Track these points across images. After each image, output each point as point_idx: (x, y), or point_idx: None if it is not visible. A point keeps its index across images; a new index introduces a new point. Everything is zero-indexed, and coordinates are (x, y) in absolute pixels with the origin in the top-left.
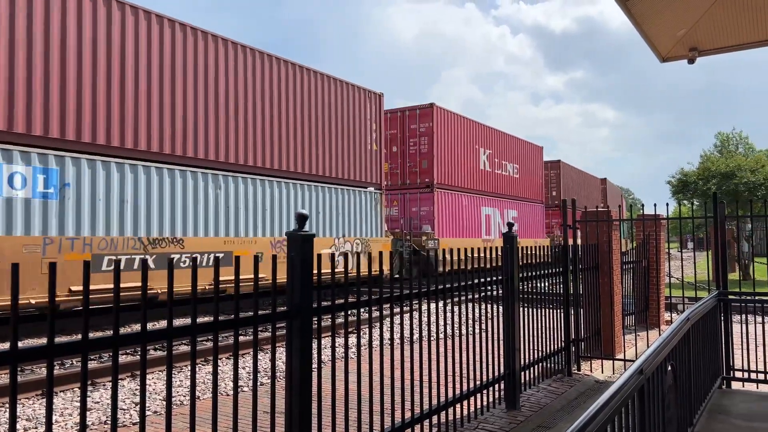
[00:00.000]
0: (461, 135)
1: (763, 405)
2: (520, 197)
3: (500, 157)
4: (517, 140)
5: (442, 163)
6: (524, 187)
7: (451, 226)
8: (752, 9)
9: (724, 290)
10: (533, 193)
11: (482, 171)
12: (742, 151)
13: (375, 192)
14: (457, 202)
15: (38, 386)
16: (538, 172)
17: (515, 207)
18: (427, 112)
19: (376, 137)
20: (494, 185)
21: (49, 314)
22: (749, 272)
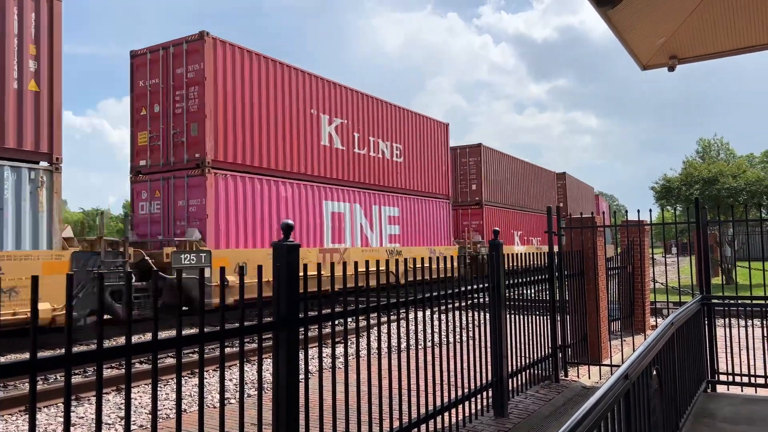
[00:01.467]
0: (275, 88)
1: (747, 408)
2: (408, 190)
3: (366, 132)
4: (400, 111)
5: (227, 128)
6: (415, 176)
7: (243, 228)
8: (728, 18)
9: (708, 294)
10: (432, 186)
11: (327, 149)
12: (723, 157)
13: None
14: (264, 192)
15: (21, 402)
16: (440, 159)
17: (397, 203)
18: (196, 47)
19: None
20: (354, 171)
21: (32, 329)
22: (732, 276)
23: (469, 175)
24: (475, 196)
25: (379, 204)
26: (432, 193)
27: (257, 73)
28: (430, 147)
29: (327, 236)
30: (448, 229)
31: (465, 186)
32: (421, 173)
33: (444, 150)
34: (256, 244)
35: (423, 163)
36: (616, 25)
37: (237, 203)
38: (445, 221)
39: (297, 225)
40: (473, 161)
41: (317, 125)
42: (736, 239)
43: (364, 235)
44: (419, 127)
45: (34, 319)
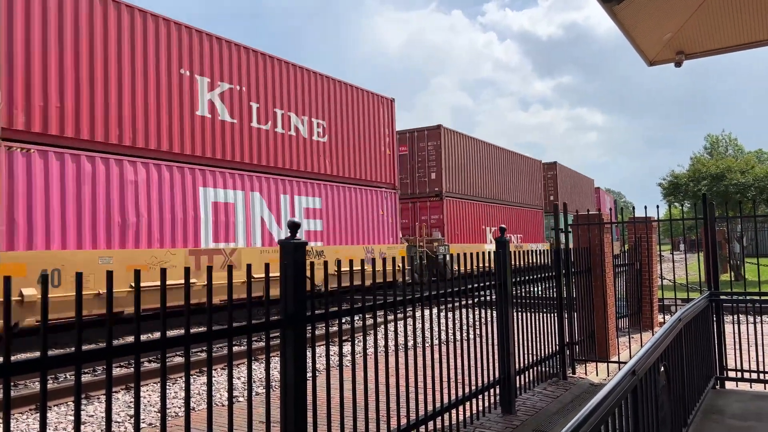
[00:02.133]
0: (123, 38)
1: (756, 404)
2: (336, 177)
3: (271, 102)
4: (324, 80)
5: (35, 84)
6: (345, 161)
7: (61, 224)
8: (736, 12)
9: (716, 291)
10: (371, 173)
11: (207, 121)
12: (731, 153)
13: None
14: (99, 175)
15: (32, 400)
16: (382, 141)
17: (320, 192)
18: None
19: None
20: (253, 151)
21: (42, 328)
22: (741, 273)
23: (428, 162)
24: (434, 187)
25: (292, 193)
26: (371, 182)
27: (93, 18)
28: (369, 126)
29: (205, 233)
30: (393, 225)
31: (423, 175)
32: (355, 157)
33: (388, 130)
34: (84, 244)
35: (357, 146)
36: (622, 21)
37: (51, 189)
38: (389, 215)
39: (150, 218)
40: (432, 146)
41: (191, 90)
42: (744, 235)
43: (267, 232)
44: (352, 102)
45: (44, 322)
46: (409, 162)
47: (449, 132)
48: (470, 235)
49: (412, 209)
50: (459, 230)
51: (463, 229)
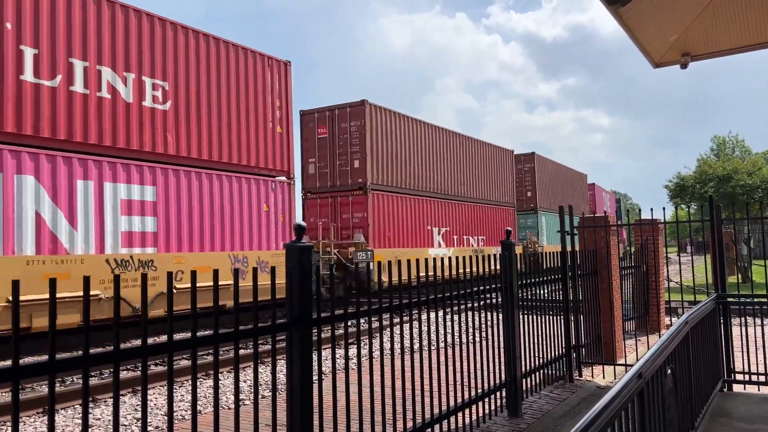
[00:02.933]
0: None
1: (764, 407)
2: (182, 159)
3: (60, 48)
4: (161, 25)
5: None
6: (201, 137)
7: None
8: (741, 13)
9: (723, 293)
10: (247, 156)
11: None
12: (738, 155)
13: None
14: None
15: (40, 404)
16: (265, 115)
17: (153, 178)
18: None
19: None
20: (21, 115)
21: (50, 331)
22: (748, 275)
23: (351, 147)
24: (357, 177)
25: (100, 179)
26: (250, 168)
27: None
28: (247, 96)
29: None
30: (285, 225)
31: (345, 163)
32: (223, 134)
33: (281, 102)
34: None
35: (228, 119)
36: (628, 23)
37: None
38: (279, 212)
39: None
40: (355, 127)
41: None
42: (751, 237)
43: (48, 235)
44: (218, 61)
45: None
46: (329, 147)
47: (377, 110)
48: (409, 238)
49: (332, 206)
50: (392, 232)
51: (399, 231)
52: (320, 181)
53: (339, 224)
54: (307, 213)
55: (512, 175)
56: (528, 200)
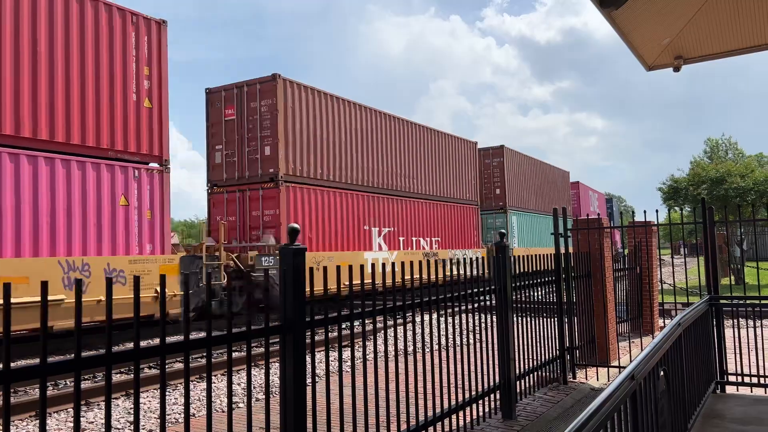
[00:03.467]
0: None
1: (757, 408)
2: None
3: None
4: None
5: None
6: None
7: None
8: (734, 17)
9: (716, 295)
10: (89, 134)
11: None
12: (731, 157)
13: None
14: None
15: (31, 407)
16: (125, 83)
17: None
18: None
19: None
20: None
21: (42, 334)
22: (741, 276)
23: (261, 131)
24: (269, 167)
25: None
26: (96, 150)
27: None
28: (91, 57)
29: None
30: (156, 224)
31: (255, 151)
32: (57, 105)
33: (151, 70)
34: None
35: (60, 87)
36: (621, 26)
37: None
38: (139, 208)
39: None
40: (266, 107)
41: None
42: (744, 239)
43: None
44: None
45: (43, 327)
46: (238, 131)
47: (293, 86)
48: (338, 240)
49: (240, 201)
50: (315, 233)
51: (324, 232)
52: (228, 172)
53: (248, 223)
54: (213, 210)
55: (475, 169)
56: (496, 198)
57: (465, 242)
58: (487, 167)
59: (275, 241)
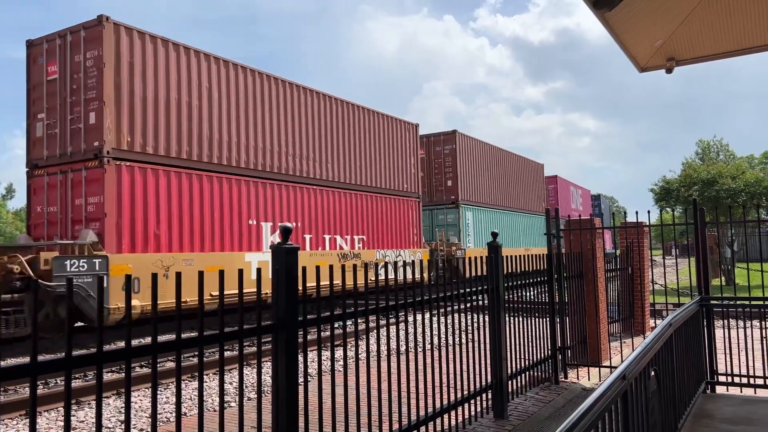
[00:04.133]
0: None
1: (746, 408)
2: None
3: None
4: None
5: None
6: None
7: None
8: (726, 19)
9: (706, 296)
10: None
11: None
12: (723, 159)
13: None
14: None
15: (21, 406)
16: None
17: None
18: None
19: None
20: None
21: (33, 332)
22: (731, 277)
23: (86, 93)
24: (93, 140)
25: None
26: None
27: None
28: None
29: None
30: None
31: (77, 119)
32: None
33: None
34: None
35: None
36: (614, 28)
37: None
38: None
39: None
40: (91, 60)
41: None
42: (735, 240)
43: None
44: None
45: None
46: (60, 93)
47: (130, 33)
48: (205, 238)
49: (63, 185)
50: (167, 227)
51: (184, 227)
52: (49, 148)
53: (71, 214)
54: (33, 198)
55: (415, 156)
56: (447, 191)
57: (401, 241)
58: (438, 155)
59: (97, 238)
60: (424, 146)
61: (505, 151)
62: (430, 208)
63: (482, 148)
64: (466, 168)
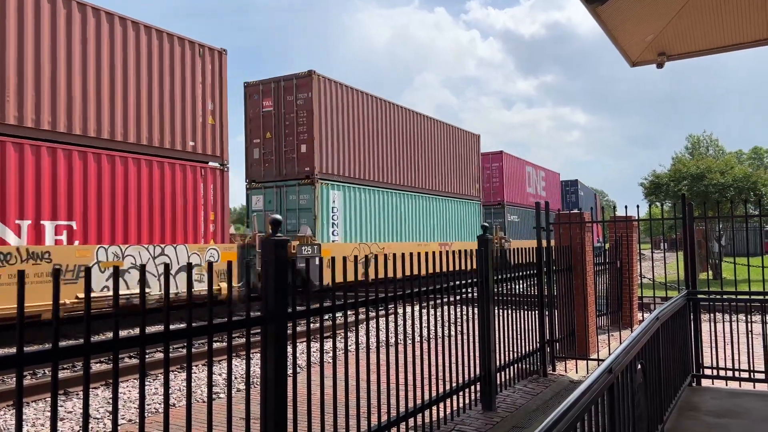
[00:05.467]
0: None
1: (731, 401)
2: None
3: None
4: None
5: None
6: None
7: None
8: (717, 15)
9: (693, 290)
10: None
11: None
12: (712, 154)
13: None
14: None
15: (8, 397)
16: None
17: None
18: None
19: None
20: None
21: (18, 324)
22: (719, 272)
23: None
24: None
25: None
26: None
27: None
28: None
29: None
30: None
31: None
32: None
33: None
34: None
35: None
36: (606, 22)
37: None
38: None
39: None
40: None
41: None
42: (723, 235)
43: None
44: None
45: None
46: None
47: None
48: None
49: None
50: None
51: None
52: None
53: None
54: None
55: (201, 98)
56: (302, 161)
57: (179, 233)
58: (289, 108)
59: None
60: (271, 94)
61: (409, 111)
62: (277, 184)
63: (361, 101)
64: (330, 127)
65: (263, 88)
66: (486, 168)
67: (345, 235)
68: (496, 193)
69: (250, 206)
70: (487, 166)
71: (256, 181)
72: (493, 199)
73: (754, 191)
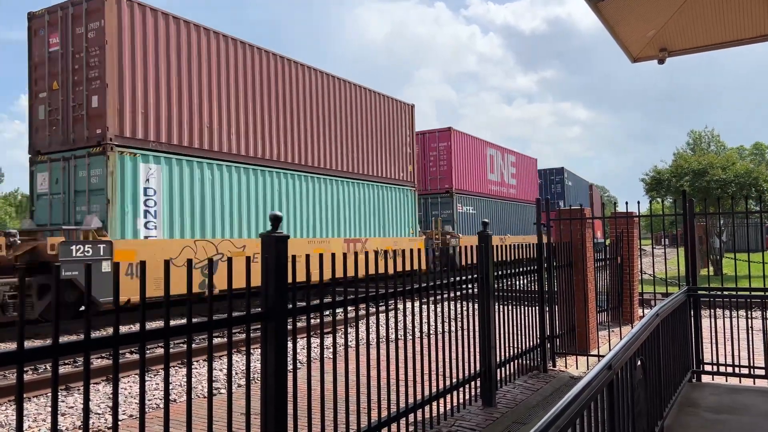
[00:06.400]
0: None
1: (731, 397)
2: None
3: None
4: None
5: None
6: None
7: None
8: (718, 11)
9: (694, 286)
10: None
11: None
12: (714, 149)
13: None
14: None
15: (9, 392)
16: None
17: None
18: None
19: None
20: None
21: (20, 319)
22: (720, 268)
23: None
24: None
25: None
26: None
27: None
28: None
29: None
30: None
31: None
32: None
33: None
34: None
35: None
36: (607, 18)
37: None
38: None
39: None
40: None
41: None
42: (724, 231)
43: None
44: None
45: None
46: None
47: None
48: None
49: None
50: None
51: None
52: None
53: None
54: None
55: None
56: (93, 120)
57: None
58: (79, 43)
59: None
60: (58, 27)
61: (299, 65)
62: (65, 156)
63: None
64: (143, 73)
65: (49, 19)
66: (431, 149)
67: (169, 229)
68: (443, 179)
69: (35, 188)
70: (433, 147)
71: (42, 152)
72: (439, 187)
73: (756, 187)
